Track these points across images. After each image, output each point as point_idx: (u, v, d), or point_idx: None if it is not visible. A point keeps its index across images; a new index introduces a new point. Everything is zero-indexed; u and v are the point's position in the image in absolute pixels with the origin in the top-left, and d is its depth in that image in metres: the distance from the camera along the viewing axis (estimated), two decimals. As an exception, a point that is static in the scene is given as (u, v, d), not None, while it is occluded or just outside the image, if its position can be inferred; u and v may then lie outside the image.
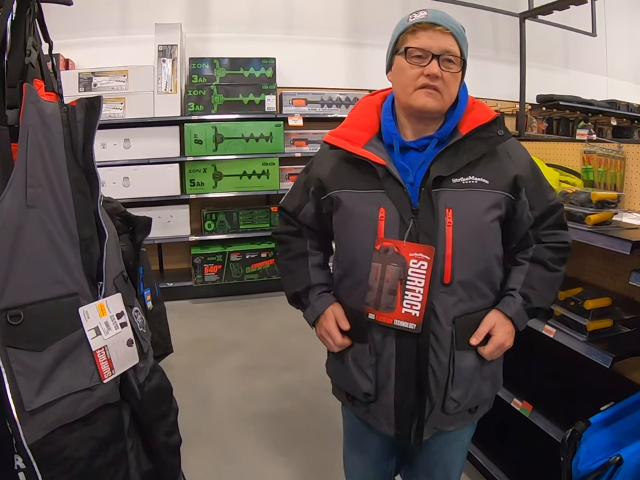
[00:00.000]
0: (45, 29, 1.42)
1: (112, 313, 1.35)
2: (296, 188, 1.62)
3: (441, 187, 1.35)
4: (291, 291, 1.63)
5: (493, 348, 1.42)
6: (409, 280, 1.35)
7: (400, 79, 1.39)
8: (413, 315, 1.34)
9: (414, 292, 1.34)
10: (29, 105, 1.22)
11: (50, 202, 1.24)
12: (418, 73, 1.34)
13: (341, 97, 5.58)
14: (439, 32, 1.33)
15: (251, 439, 2.96)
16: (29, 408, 1.17)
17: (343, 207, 1.44)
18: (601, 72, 7.42)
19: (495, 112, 1.44)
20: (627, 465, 1.57)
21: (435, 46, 1.32)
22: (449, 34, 1.33)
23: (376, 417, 1.49)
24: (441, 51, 1.32)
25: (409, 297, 1.35)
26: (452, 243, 1.34)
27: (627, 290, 2.27)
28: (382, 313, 1.37)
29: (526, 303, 1.46)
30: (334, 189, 1.46)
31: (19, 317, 1.17)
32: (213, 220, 5.39)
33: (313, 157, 1.61)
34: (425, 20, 1.33)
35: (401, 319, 1.35)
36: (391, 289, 1.36)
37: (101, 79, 4.83)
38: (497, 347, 1.43)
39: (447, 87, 1.35)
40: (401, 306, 1.35)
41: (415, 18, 1.35)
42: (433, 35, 1.33)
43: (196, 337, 4.37)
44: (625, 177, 2.30)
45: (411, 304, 1.34)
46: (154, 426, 1.49)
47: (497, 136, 1.40)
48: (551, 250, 1.48)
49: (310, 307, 1.59)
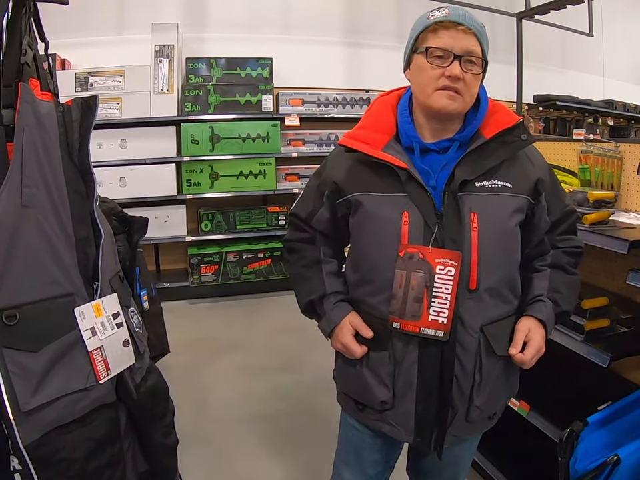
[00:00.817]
0: (41, 28, 1.42)
1: (108, 313, 1.35)
2: (308, 193, 1.56)
3: (465, 190, 1.33)
4: (304, 300, 1.56)
5: (534, 352, 1.38)
6: (435, 287, 1.31)
7: (420, 79, 1.36)
8: (441, 323, 1.31)
9: (441, 299, 1.31)
10: (24, 104, 1.22)
11: (45, 202, 1.23)
12: (439, 73, 1.30)
13: (338, 97, 5.57)
14: (462, 31, 1.29)
15: (247, 440, 2.96)
16: (25, 409, 1.16)
17: (364, 210, 1.39)
18: (598, 72, 7.43)
19: (518, 116, 1.42)
20: (624, 465, 1.57)
21: (457, 46, 1.28)
22: (471, 33, 1.30)
23: (393, 424, 1.45)
24: (463, 51, 1.29)
25: (435, 304, 1.31)
26: (477, 248, 1.31)
27: (624, 289, 2.27)
28: (408, 321, 1.33)
29: (555, 307, 1.44)
30: (352, 191, 1.41)
31: (15, 317, 1.16)
32: (210, 220, 5.37)
33: (325, 160, 1.56)
34: (447, 18, 1.29)
35: (428, 326, 1.32)
36: (416, 296, 1.32)
37: (98, 79, 4.81)
38: (537, 351, 1.40)
39: (469, 89, 1.32)
40: (428, 314, 1.32)
41: (437, 16, 1.31)
42: (455, 35, 1.29)
43: (192, 338, 4.35)
44: (622, 176, 2.30)
45: (438, 311, 1.31)
46: (150, 427, 1.49)
47: (520, 140, 1.38)
48: (568, 255, 1.48)
49: (325, 317, 1.51)
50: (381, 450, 1.61)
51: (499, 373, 1.43)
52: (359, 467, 1.65)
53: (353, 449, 1.64)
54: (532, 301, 1.45)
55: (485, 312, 1.36)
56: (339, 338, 1.46)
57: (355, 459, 1.65)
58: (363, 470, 1.64)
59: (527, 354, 1.37)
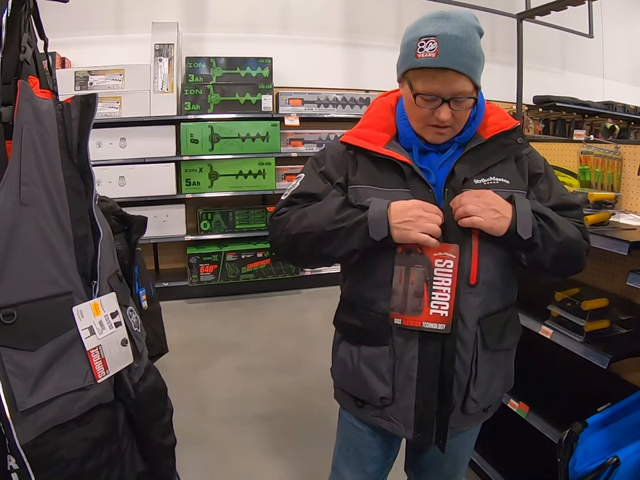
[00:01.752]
0: (41, 26, 1.41)
1: (106, 313, 1.35)
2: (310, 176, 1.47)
3: (464, 187, 1.34)
4: (334, 205, 1.35)
5: (471, 195, 1.29)
6: (435, 280, 1.32)
7: (409, 111, 1.37)
8: (442, 316, 1.32)
9: (441, 292, 1.32)
10: (23, 102, 1.21)
11: (44, 200, 1.23)
12: (428, 113, 1.30)
13: (338, 97, 5.58)
14: (450, 76, 1.25)
15: (245, 440, 2.96)
16: (22, 408, 1.16)
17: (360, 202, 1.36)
18: (598, 73, 7.44)
19: (515, 120, 1.44)
20: (623, 466, 1.57)
21: (445, 91, 1.26)
22: (461, 76, 1.25)
23: (393, 420, 1.45)
24: (452, 95, 1.26)
25: (436, 298, 1.32)
26: (478, 243, 1.33)
27: (624, 291, 2.27)
28: (409, 317, 1.34)
29: (534, 205, 1.35)
30: (354, 183, 1.39)
31: (12, 316, 1.16)
32: (209, 220, 5.37)
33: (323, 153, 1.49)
34: (434, 64, 1.23)
35: (430, 320, 1.32)
36: (416, 291, 1.33)
37: (97, 78, 4.82)
38: (474, 196, 1.29)
39: (459, 122, 1.33)
40: (429, 307, 1.32)
41: (424, 53, 1.24)
42: (443, 81, 1.25)
43: (191, 337, 4.35)
44: (622, 177, 2.30)
45: (439, 304, 1.32)
46: (148, 426, 1.49)
47: (516, 143, 1.41)
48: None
49: (373, 202, 1.31)
50: (380, 447, 1.61)
51: (494, 366, 1.44)
52: (358, 464, 1.65)
53: (352, 447, 1.64)
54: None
55: (482, 306, 1.37)
56: (407, 205, 1.29)
57: (354, 456, 1.65)
58: (362, 467, 1.64)
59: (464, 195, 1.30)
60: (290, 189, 1.48)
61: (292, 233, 1.38)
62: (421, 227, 1.26)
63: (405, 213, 1.28)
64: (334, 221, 1.32)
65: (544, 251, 1.34)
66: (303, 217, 1.38)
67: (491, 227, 1.28)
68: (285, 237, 1.41)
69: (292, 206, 1.44)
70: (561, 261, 1.39)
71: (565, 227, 1.38)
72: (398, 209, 1.29)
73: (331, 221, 1.32)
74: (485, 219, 1.27)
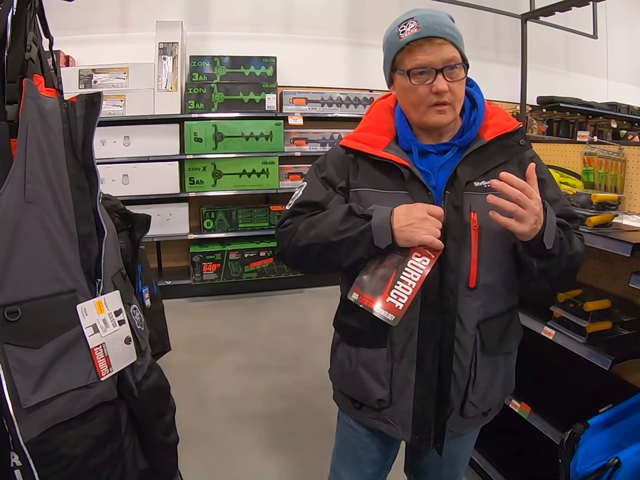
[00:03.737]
0: (46, 25, 1.41)
1: (110, 311, 1.35)
2: (313, 183, 1.48)
3: (465, 190, 1.34)
4: (339, 215, 1.34)
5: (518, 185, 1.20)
6: (405, 272, 1.30)
7: (408, 99, 1.37)
8: (396, 307, 1.29)
9: (406, 284, 1.29)
10: (28, 100, 1.21)
11: (48, 198, 1.23)
12: (425, 91, 1.31)
13: (342, 96, 5.58)
14: (437, 45, 1.28)
15: (247, 438, 2.96)
16: (26, 405, 1.16)
17: (361, 205, 1.37)
18: (602, 74, 7.42)
19: (518, 121, 1.44)
20: (625, 468, 1.56)
21: (436, 60, 1.28)
22: (446, 43, 1.29)
23: (390, 422, 1.45)
24: (443, 63, 1.29)
25: (398, 288, 1.29)
26: (477, 247, 1.32)
27: (627, 292, 2.26)
28: (367, 295, 1.32)
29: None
30: (355, 187, 1.41)
31: (17, 313, 1.16)
32: (212, 218, 5.38)
33: (324, 158, 1.51)
34: (419, 35, 1.28)
35: (383, 307, 1.30)
36: (384, 274, 1.31)
37: (101, 76, 4.83)
38: (523, 186, 1.20)
39: (457, 96, 1.34)
40: (388, 294, 1.30)
41: (407, 32, 1.30)
42: (430, 50, 1.29)
43: (194, 336, 4.36)
44: (626, 179, 2.30)
45: (398, 295, 1.29)
46: (151, 424, 1.49)
47: (518, 145, 1.41)
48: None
49: (376, 210, 1.31)
50: (378, 449, 1.61)
51: (493, 369, 1.44)
52: (356, 466, 1.64)
53: (351, 449, 1.64)
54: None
55: (482, 309, 1.37)
56: (411, 209, 1.29)
57: (353, 458, 1.64)
58: (361, 469, 1.64)
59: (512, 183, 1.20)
60: (293, 199, 1.48)
61: (299, 244, 1.39)
62: (427, 229, 1.26)
63: (409, 215, 1.28)
64: (339, 232, 1.32)
65: (557, 262, 1.33)
66: (309, 228, 1.38)
67: (526, 231, 1.23)
68: (293, 248, 1.42)
69: (296, 216, 1.45)
70: (565, 272, 1.40)
71: (576, 241, 1.39)
72: (402, 212, 1.29)
73: (336, 232, 1.33)
74: (526, 224, 1.22)
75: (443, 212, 1.30)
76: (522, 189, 1.20)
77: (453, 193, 1.33)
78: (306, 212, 1.44)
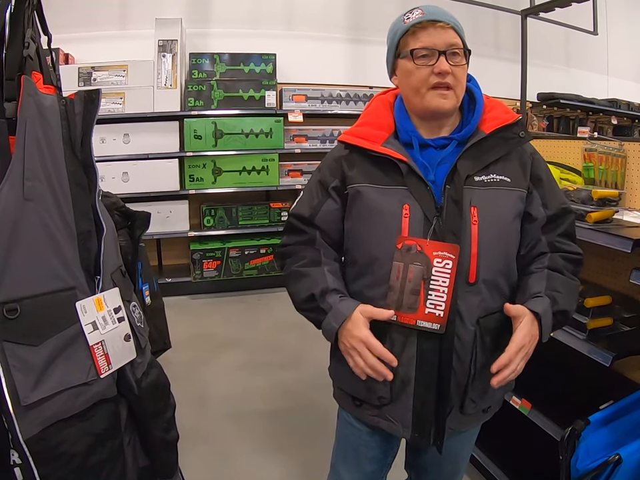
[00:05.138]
0: (44, 22, 1.41)
1: (109, 308, 1.35)
2: (309, 191, 1.52)
3: (465, 184, 1.34)
4: (304, 294, 1.43)
5: (515, 348, 1.28)
6: (432, 279, 1.31)
7: (409, 82, 1.37)
8: (437, 316, 1.30)
9: (438, 292, 1.30)
10: (27, 97, 1.21)
11: (47, 195, 1.23)
12: (427, 72, 1.32)
13: (341, 93, 5.57)
14: (440, 28, 1.32)
15: (247, 436, 2.96)
16: (25, 403, 1.16)
17: (363, 201, 1.39)
18: (602, 71, 7.41)
19: (516, 113, 1.44)
20: (625, 464, 1.57)
21: (439, 42, 1.31)
22: (449, 28, 1.33)
23: (390, 420, 1.44)
24: (446, 46, 1.31)
25: (432, 297, 1.31)
26: (477, 241, 1.32)
27: (628, 288, 2.26)
28: (404, 313, 1.32)
29: (553, 304, 1.37)
30: (351, 183, 1.41)
31: (16, 310, 1.16)
32: (212, 216, 5.38)
33: (325, 157, 1.54)
34: (424, 19, 1.32)
35: (425, 319, 1.31)
36: (413, 288, 1.32)
37: (101, 74, 4.82)
38: (519, 348, 1.28)
39: (458, 81, 1.34)
40: (424, 306, 1.31)
41: (412, 18, 1.34)
42: (434, 33, 1.32)
43: (194, 333, 4.36)
44: (626, 175, 2.29)
45: (435, 304, 1.30)
46: (151, 422, 1.49)
47: (518, 137, 1.41)
48: (566, 260, 1.44)
49: (332, 310, 1.37)
50: (378, 447, 1.61)
51: None
52: (356, 464, 1.64)
53: (351, 446, 1.64)
54: (529, 299, 1.41)
55: (482, 305, 1.36)
56: (353, 333, 1.32)
57: (353, 456, 1.64)
58: (361, 467, 1.64)
59: (506, 353, 1.28)
60: (293, 206, 1.55)
61: (285, 285, 1.52)
62: (358, 364, 1.32)
63: (352, 339, 1.33)
64: (303, 309, 1.46)
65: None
66: (291, 280, 1.49)
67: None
68: (284, 277, 1.53)
69: (291, 234, 1.52)
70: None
71: (572, 296, 1.45)
72: (348, 330, 1.34)
73: (302, 303, 1.45)
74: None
75: (392, 356, 1.30)
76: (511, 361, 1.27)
77: (453, 187, 1.33)
78: (299, 226, 1.50)
